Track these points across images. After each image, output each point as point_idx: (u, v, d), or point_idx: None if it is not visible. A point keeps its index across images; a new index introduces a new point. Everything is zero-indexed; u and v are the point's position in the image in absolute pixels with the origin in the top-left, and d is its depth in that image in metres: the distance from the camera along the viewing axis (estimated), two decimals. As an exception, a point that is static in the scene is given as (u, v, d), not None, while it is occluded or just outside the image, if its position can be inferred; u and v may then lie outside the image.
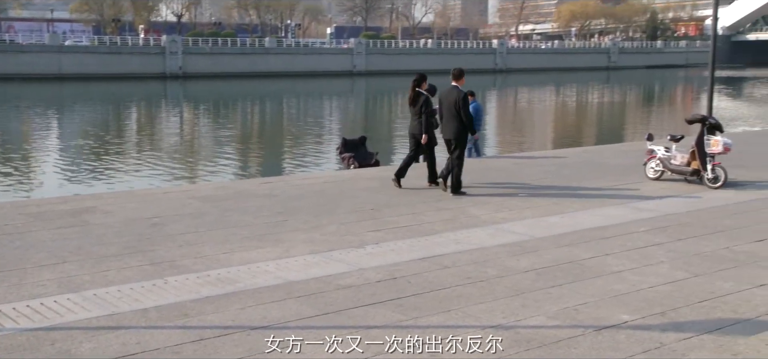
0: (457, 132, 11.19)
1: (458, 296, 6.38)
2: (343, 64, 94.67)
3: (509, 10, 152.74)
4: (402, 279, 6.83)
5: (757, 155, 15.65)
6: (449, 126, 11.30)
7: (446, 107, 11.35)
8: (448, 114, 11.29)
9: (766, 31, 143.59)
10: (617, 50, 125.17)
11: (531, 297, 6.36)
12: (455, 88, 11.33)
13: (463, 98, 11.15)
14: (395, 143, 30.22)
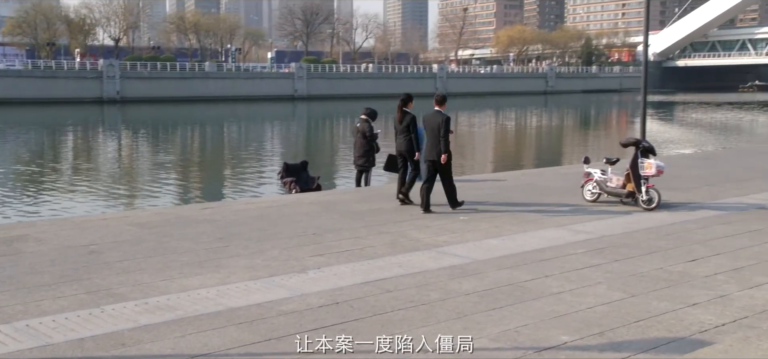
0: (440, 154, 11.68)
1: (401, 320, 6.39)
2: (284, 88, 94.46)
3: (449, 36, 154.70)
4: (344, 304, 6.81)
5: (689, 177, 16.11)
6: (432, 147, 11.79)
7: (430, 130, 11.89)
8: (432, 136, 11.80)
9: (695, 57, 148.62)
10: (554, 75, 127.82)
11: (473, 319, 6.41)
12: (439, 112, 11.86)
13: (445, 121, 11.65)
14: (337, 168, 30.21)
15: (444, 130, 11.62)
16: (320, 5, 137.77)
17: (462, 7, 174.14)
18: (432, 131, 11.82)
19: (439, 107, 11.94)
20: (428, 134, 11.98)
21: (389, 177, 24.89)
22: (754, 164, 18.70)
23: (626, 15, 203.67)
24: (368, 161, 15.45)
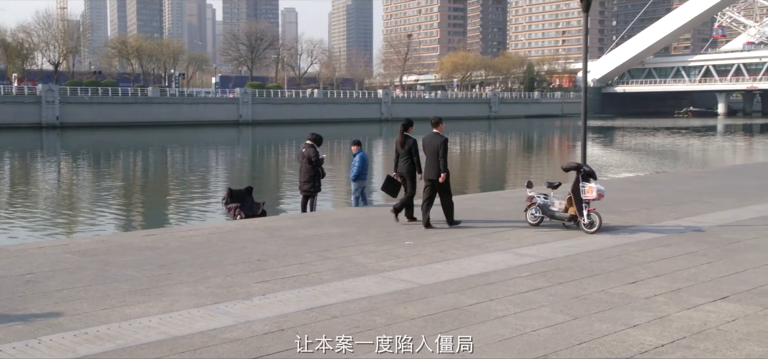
0: (439, 173, 12.50)
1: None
2: (228, 113, 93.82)
3: (393, 62, 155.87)
4: (290, 330, 6.75)
5: (629, 200, 16.46)
6: (432, 167, 12.60)
7: (429, 151, 12.70)
8: (431, 157, 12.64)
9: (632, 83, 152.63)
10: (498, 101, 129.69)
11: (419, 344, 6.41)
12: (437, 134, 12.72)
13: (443, 143, 12.52)
14: (282, 193, 30.03)
15: (442, 151, 12.43)
16: (265, 30, 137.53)
17: (406, 34, 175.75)
18: (431, 152, 12.60)
19: (436, 129, 12.79)
20: (427, 154, 12.72)
21: (334, 202, 24.88)
22: (690, 188, 19.22)
23: (566, 42, 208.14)
24: (314, 186, 15.42)
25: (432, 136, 12.74)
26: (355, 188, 16.04)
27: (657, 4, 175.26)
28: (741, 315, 7.38)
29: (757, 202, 16.21)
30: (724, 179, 21.88)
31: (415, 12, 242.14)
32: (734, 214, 14.47)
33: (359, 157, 15.80)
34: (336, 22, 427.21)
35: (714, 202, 16.24)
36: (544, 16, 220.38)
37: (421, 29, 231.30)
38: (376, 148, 61.32)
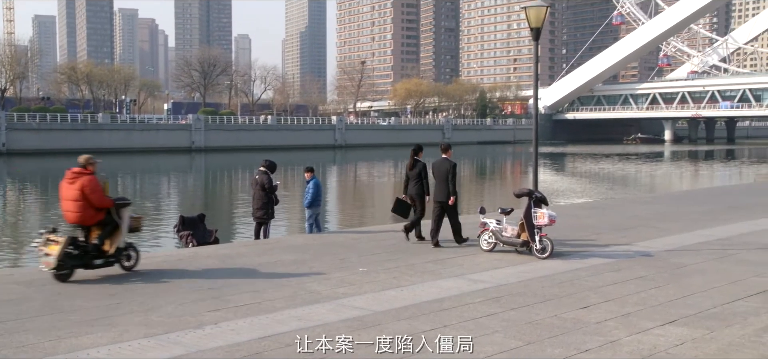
0: (447, 196, 13.42)
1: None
2: (181, 140, 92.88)
3: (347, 88, 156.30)
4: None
5: (580, 226, 16.70)
6: (441, 190, 13.47)
7: (438, 175, 13.56)
8: (440, 180, 13.50)
9: (582, 110, 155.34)
10: (451, 127, 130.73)
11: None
12: (446, 159, 13.60)
13: (452, 167, 13.43)
14: (235, 220, 29.77)
15: (452, 175, 13.36)
16: (218, 57, 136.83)
17: (360, 61, 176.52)
18: (440, 176, 13.50)
19: (445, 154, 13.69)
20: (436, 178, 13.59)
21: (288, 229, 24.75)
22: (639, 213, 19.57)
23: (518, 69, 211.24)
24: (267, 213, 15.33)
25: (441, 161, 13.59)
26: (309, 214, 16.00)
27: (605, 34, 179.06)
28: (688, 339, 7.53)
29: (703, 227, 16.58)
30: (672, 204, 22.35)
31: (368, 39, 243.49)
32: (681, 239, 14.78)
33: (313, 183, 15.77)
34: (290, 49, 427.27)
35: (662, 227, 16.57)
36: (496, 44, 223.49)
37: (374, 56, 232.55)
38: (331, 174, 61.27)
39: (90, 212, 10.41)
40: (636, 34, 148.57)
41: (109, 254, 10.60)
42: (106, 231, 10.58)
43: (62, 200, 10.53)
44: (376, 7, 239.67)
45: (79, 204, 10.34)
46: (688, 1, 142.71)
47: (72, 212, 10.43)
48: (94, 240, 10.52)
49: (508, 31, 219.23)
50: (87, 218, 10.46)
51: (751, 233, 15.74)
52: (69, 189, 10.43)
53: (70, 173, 10.53)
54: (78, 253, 10.31)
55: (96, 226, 10.57)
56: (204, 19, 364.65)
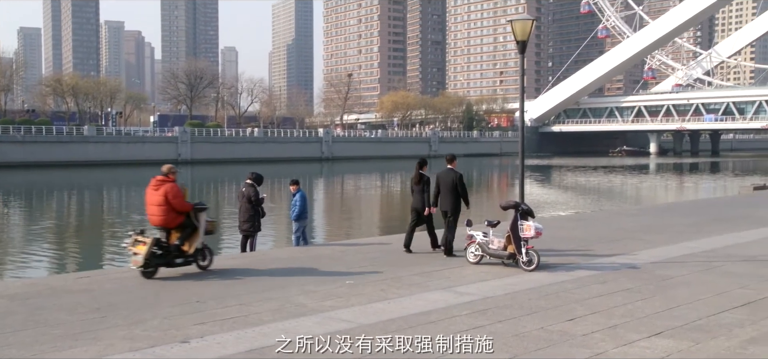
0: (453, 206, 13.79)
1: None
2: (167, 152, 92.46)
3: (334, 101, 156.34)
4: (228, 374, 6.63)
5: (566, 238, 16.74)
6: (446, 200, 13.79)
7: (444, 186, 13.86)
8: (446, 191, 13.82)
9: (568, 123, 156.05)
10: (437, 139, 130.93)
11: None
12: (451, 170, 13.95)
13: (460, 178, 13.78)
14: (222, 233, 29.63)
15: (461, 186, 13.74)
16: (205, 69, 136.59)
17: (347, 73, 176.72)
18: (446, 187, 13.84)
19: (450, 165, 14.06)
20: (442, 189, 13.91)
21: (275, 242, 24.67)
22: (625, 225, 19.65)
23: (504, 82, 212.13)
24: (253, 226, 15.27)
25: (446, 172, 13.94)
26: (297, 227, 15.96)
27: (590, 47, 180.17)
28: (675, 351, 7.56)
29: (688, 239, 16.67)
30: (657, 216, 22.45)
31: (355, 52, 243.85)
32: (667, 251, 14.84)
33: (300, 196, 15.75)
34: (276, 61, 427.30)
35: (647, 239, 16.64)
36: (483, 57, 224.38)
37: (361, 69, 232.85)
38: (317, 187, 61.19)
39: (172, 215, 11.60)
40: (621, 47, 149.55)
41: (189, 253, 11.84)
42: (185, 233, 11.79)
43: (148, 204, 11.70)
44: (363, 20, 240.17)
45: (162, 208, 11.54)
46: (672, 16, 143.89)
47: (156, 215, 11.62)
48: (175, 241, 11.72)
49: (494, 44, 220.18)
50: (169, 221, 11.64)
51: (736, 245, 15.84)
52: (154, 195, 11.61)
53: (155, 180, 11.67)
54: (161, 253, 11.50)
55: (177, 228, 11.74)
56: (190, 31, 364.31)
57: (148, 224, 11.92)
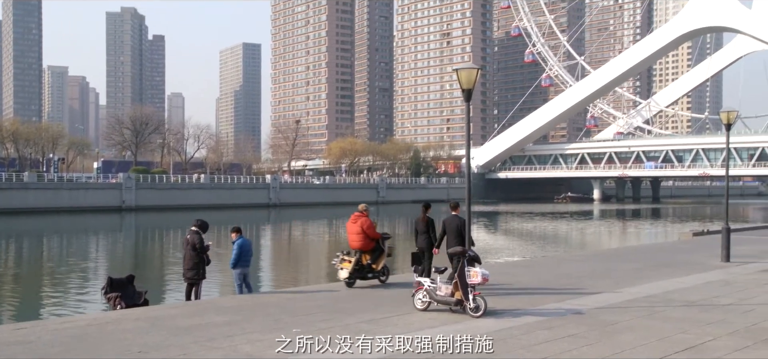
0: (463, 248, 14.29)
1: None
2: (111, 199, 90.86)
3: (282, 147, 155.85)
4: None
5: (513, 284, 16.87)
6: (453, 244, 14.70)
7: (450, 230, 15.10)
8: (452, 235, 15.01)
9: (514, 170, 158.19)
10: (385, 186, 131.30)
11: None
12: (456, 216, 15.28)
13: (463, 223, 14.97)
14: (166, 281, 29.12)
15: (463, 229, 14.80)
16: (151, 115, 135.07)
17: (295, 119, 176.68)
18: (451, 231, 15.03)
19: (455, 211, 15.41)
20: (448, 233, 15.14)
21: (220, 290, 24.32)
22: (570, 271, 19.90)
23: (451, 129, 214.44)
24: (197, 273, 15.06)
25: (452, 217, 15.27)
26: (236, 275, 15.77)
27: (535, 95, 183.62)
28: (619, 395, 7.63)
29: (632, 284, 16.96)
30: (601, 262, 22.81)
31: (303, 98, 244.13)
32: (611, 296, 15.07)
33: (236, 244, 15.61)
34: (224, 107, 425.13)
35: (592, 285, 16.87)
36: (429, 103, 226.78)
37: (309, 115, 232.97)
38: (264, 233, 60.68)
39: (367, 241, 15.88)
40: (564, 96, 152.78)
41: (377, 270, 16.25)
42: (375, 255, 16.16)
43: (349, 233, 16.01)
44: (311, 67, 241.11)
45: (360, 236, 15.80)
46: (613, 66, 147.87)
47: (355, 241, 15.86)
48: (367, 261, 16.06)
49: (441, 91, 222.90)
50: (365, 245, 15.95)
51: (676, 290, 16.17)
52: (353, 226, 15.92)
53: (354, 215, 16.06)
54: (359, 269, 15.91)
55: (369, 251, 16.05)
56: (136, 77, 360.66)
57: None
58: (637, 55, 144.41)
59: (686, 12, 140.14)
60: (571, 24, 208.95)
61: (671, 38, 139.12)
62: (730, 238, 22.69)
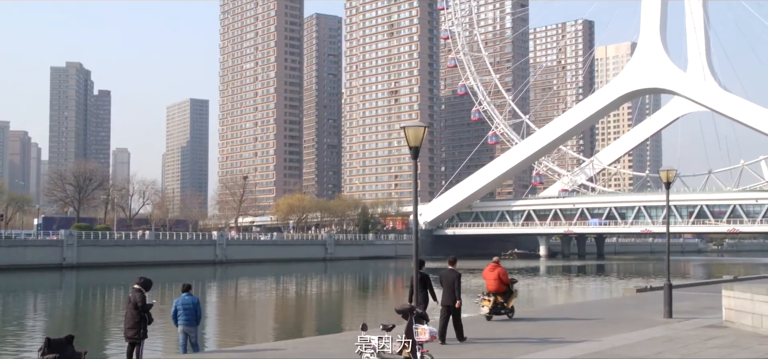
0: (455, 300, 16.46)
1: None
2: (51, 256, 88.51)
3: (229, 203, 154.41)
4: None
5: (460, 341, 16.86)
6: (448, 296, 16.34)
7: (446, 284, 16.53)
8: (448, 289, 16.44)
9: (461, 226, 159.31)
10: (333, 242, 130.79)
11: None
12: (452, 270, 16.71)
13: (458, 277, 16.57)
14: (108, 341, 28.40)
15: (458, 283, 16.39)
16: (94, 170, 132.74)
17: (242, 175, 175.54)
18: (447, 284, 16.38)
19: (451, 266, 16.82)
20: (444, 286, 16.47)
21: (164, 350, 23.78)
22: (517, 328, 20.01)
23: (399, 186, 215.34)
24: (139, 333, 14.74)
25: (448, 272, 16.56)
26: (179, 333, 15.49)
27: (481, 152, 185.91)
28: None
29: (579, 340, 17.10)
30: (548, 318, 22.98)
31: (251, 154, 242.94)
32: (557, 353, 15.16)
33: (175, 302, 15.40)
34: (170, 163, 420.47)
35: (539, 342, 16.97)
36: (377, 160, 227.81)
37: (257, 171, 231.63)
38: (210, 291, 59.72)
39: (502, 285, 21.05)
40: (510, 153, 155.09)
41: (508, 308, 21.45)
42: (507, 296, 21.34)
43: (487, 279, 21.08)
44: (259, 124, 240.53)
45: (497, 282, 20.91)
46: (556, 125, 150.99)
47: (493, 285, 21.00)
48: (500, 300, 21.13)
49: (389, 148, 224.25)
50: (499, 288, 21.09)
51: (622, 346, 16.37)
52: (491, 273, 21.01)
53: (491, 265, 21.27)
54: (495, 306, 20.87)
55: (502, 293, 21.12)
56: (81, 132, 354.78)
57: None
58: (579, 114, 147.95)
59: (625, 74, 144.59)
60: (516, 83, 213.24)
61: (612, 99, 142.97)
62: (671, 294, 23.12)
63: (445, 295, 16.39)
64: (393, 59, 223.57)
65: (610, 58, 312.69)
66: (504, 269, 21.15)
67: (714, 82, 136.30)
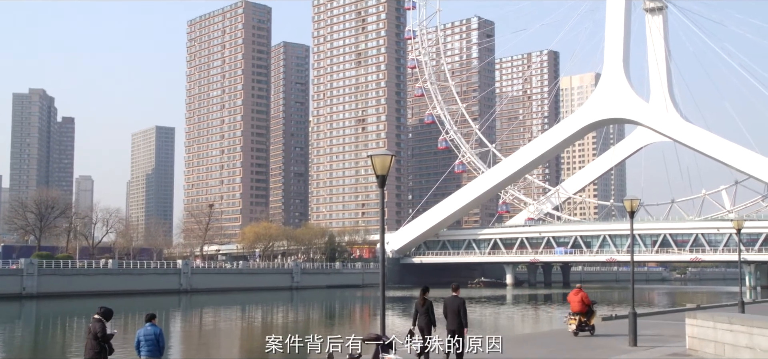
0: (459, 326, 16.98)
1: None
2: (10, 286, 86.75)
3: (194, 231, 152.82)
4: None
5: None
6: (453, 322, 16.93)
7: (451, 310, 17.14)
8: (452, 315, 17.04)
9: (428, 255, 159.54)
10: (300, 271, 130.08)
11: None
12: (456, 296, 17.39)
13: (462, 303, 17.13)
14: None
15: (463, 310, 17.04)
16: (57, 198, 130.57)
17: (208, 204, 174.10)
18: (452, 311, 17.07)
19: (455, 293, 17.53)
20: (449, 312, 17.17)
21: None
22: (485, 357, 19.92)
23: (366, 214, 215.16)
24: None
25: (452, 298, 17.26)
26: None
27: (448, 181, 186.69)
28: None
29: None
30: (516, 348, 22.97)
31: (217, 182, 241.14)
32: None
33: (138, 332, 15.14)
34: (135, 191, 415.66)
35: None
36: (344, 189, 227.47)
37: (223, 199, 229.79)
38: (174, 321, 58.89)
39: (584, 307, 25.73)
40: (476, 182, 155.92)
41: (590, 325, 25.85)
42: (588, 315, 25.84)
43: (572, 302, 25.89)
44: (226, 151, 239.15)
45: (581, 304, 25.68)
46: (522, 154, 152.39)
47: (577, 307, 25.81)
48: (583, 319, 25.65)
49: (356, 176, 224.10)
50: (582, 309, 25.72)
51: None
52: (576, 296, 25.75)
53: (575, 290, 25.98)
54: (580, 324, 25.59)
55: (584, 313, 25.82)
56: (43, 159, 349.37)
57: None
58: (545, 143, 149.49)
59: (590, 104, 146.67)
60: (483, 113, 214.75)
61: (576, 128, 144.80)
62: (636, 322, 23.27)
63: (449, 321, 17.12)
64: (360, 88, 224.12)
65: (575, 89, 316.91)
66: (585, 293, 25.56)
67: (676, 113, 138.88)
